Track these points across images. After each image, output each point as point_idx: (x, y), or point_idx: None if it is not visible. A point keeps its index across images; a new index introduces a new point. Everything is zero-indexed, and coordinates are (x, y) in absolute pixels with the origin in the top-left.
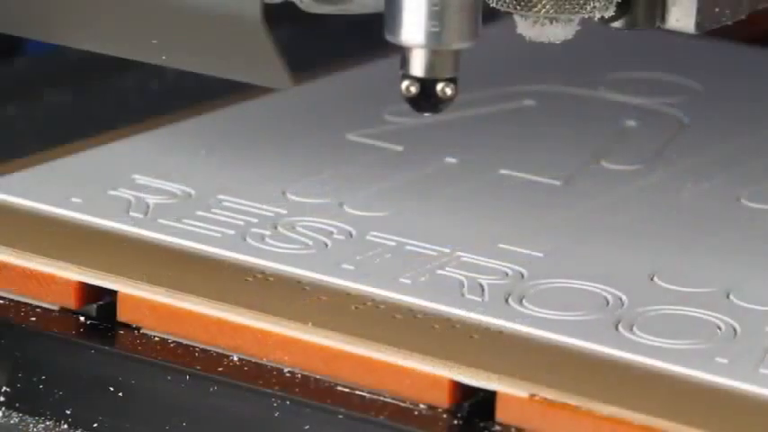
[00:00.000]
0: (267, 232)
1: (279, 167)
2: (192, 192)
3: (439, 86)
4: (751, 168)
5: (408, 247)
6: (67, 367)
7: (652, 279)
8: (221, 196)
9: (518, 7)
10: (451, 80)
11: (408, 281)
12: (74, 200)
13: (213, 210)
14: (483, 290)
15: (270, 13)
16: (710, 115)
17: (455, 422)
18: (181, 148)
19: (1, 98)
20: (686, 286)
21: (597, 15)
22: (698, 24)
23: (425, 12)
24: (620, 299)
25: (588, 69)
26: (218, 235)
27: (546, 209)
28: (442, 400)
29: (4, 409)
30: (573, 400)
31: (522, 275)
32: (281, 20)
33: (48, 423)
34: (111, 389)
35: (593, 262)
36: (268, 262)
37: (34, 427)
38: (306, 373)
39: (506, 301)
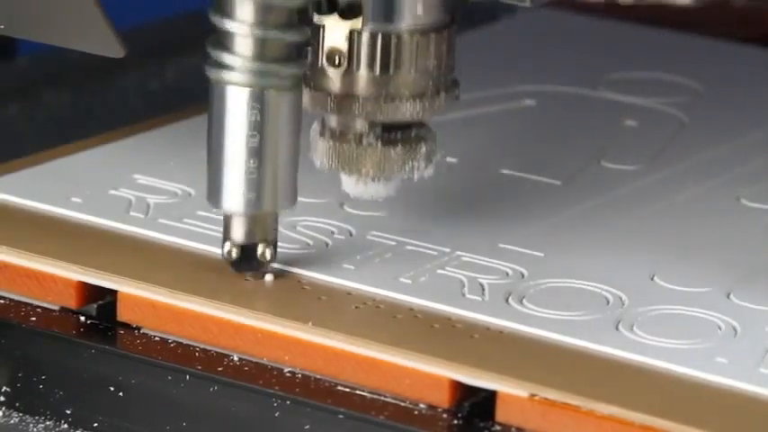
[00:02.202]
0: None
1: None
2: (193, 192)
3: (259, 250)
4: (751, 168)
5: (408, 247)
6: (67, 367)
7: (652, 279)
8: None
9: (343, 167)
10: (270, 242)
11: (408, 281)
12: (74, 200)
13: (213, 210)
14: (483, 290)
15: None
16: (710, 115)
17: (455, 422)
18: (181, 148)
19: (1, 98)
20: (686, 286)
21: (416, 176)
22: None
23: (243, 180)
24: (620, 299)
25: (588, 69)
26: (219, 235)
27: (546, 209)
28: (443, 400)
29: (4, 409)
30: (573, 400)
31: (523, 275)
32: None
33: (48, 423)
34: (111, 389)
35: (593, 262)
36: None
37: (34, 427)
38: (306, 373)
39: (507, 300)
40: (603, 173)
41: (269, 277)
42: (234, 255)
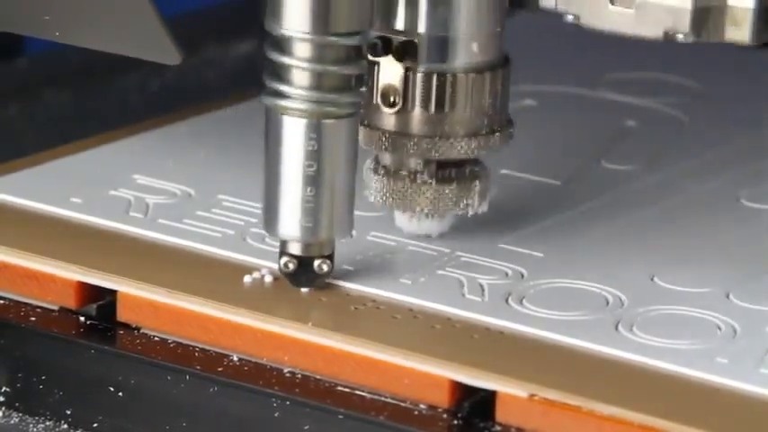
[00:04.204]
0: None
1: None
2: (192, 192)
3: (316, 263)
4: (751, 168)
5: (408, 248)
6: (67, 367)
7: (652, 279)
8: (221, 196)
9: (395, 204)
10: (328, 257)
11: (408, 281)
12: (74, 200)
13: (213, 210)
14: (483, 290)
15: None
16: (710, 115)
17: (455, 422)
18: (181, 148)
19: (1, 98)
20: (686, 286)
21: (470, 213)
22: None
23: (299, 208)
24: (620, 299)
25: (588, 69)
26: (219, 235)
27: (546, 209)
28: (442, 400)
29: (4, 409)
30: (573, 401)
31: (522, 275)
32: None
33: (48, 423)
34: (111, 389)
35: (594, 262)
36: (268, 262)
37: (34, 427)
38: (306, 373)
39: (506, 301)
40: (603, 173)
41: (268, 278)
42: (291, 267)
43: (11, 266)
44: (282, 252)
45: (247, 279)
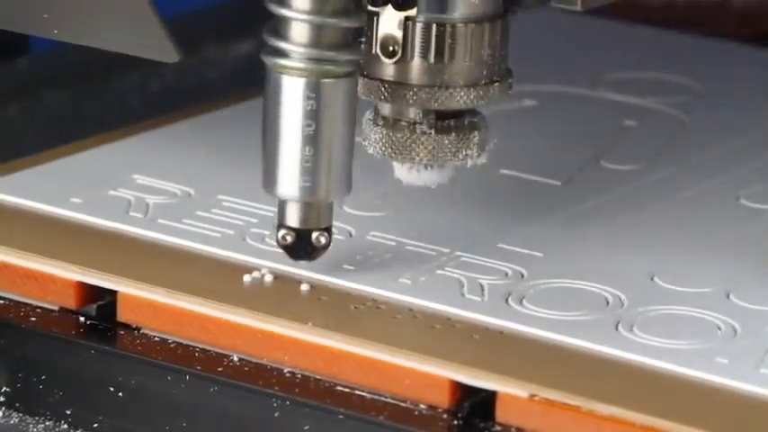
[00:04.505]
0: (267, 232)
1: None
2: (192, 192)
3: (314, 235)
4: (751, 168)
5: (408, 247)
6: (67, 367)
7: (652, 279)
8: (221, 196)
9: (394, 155)
10: (326, 229)
11: (408, 281)
12: (74, 200)
13: (213, 210)
14: (483, 290)
15: None
16: (710, 115)
17: (455, 422)
18: (181, 148)
19: (1, 98)
20: (686, 286)
21: (469, 163)
22: (583, 1)
23: (298, 168)
24: (620, 299)
25: (588, 69)
26: (218, 235)
27: (546, 209)
28: (442, 400)
29: (4, 409)
30: (573, 401)
31: (522, 275)
32: None
33: (48, 423)
34: (111, 389)
35: (594, 262)
36: (268, 261)
37: (34, 427)
38: (306, 373)
39: (506, 301)
40: (603, 173)
41: (268, 278)
42: (289, 240)
43: (11, 266)
44: (280, 225)
45: (247, 279)
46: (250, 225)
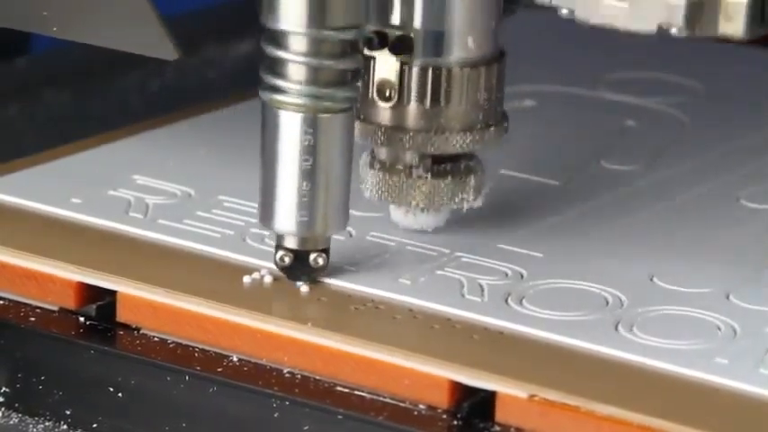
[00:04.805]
0: (267, 233)
1: None
2: (192, 192)
3: (312, 257)
4: (751, 168)
5: (408, 247)
6: (67, 367)
7: (652, 279)
8: (221, 197)
9: (391, 198)
10: (323, 251)
11: (408, 281)
12: (74, 200)
13: (213, 210)
14: (483, 290)
15: None
16: (710, 115)
17: (455, 422)
18: (181, 148)
19: (1, 98)
20: (686, 286)
21: (465, 207)
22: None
23: (295, 203)
24: (620, 299)
25: (588, 69)
26: (218, 235)
27: (546, 209)
28: (442, 400)
29: (3, 409)
30: (573, 401)
31: (522, 276)
32: None
33: (47, 423)
34: (111, 389)
35: (593, 262)
36: (268, 262)
37: (34, 427)
38: (305, 374)
39: (506, 301)
40: (603, 173)
41: (268, 278)
42: (287, 261)
43: (10, 266)
44: (278, 246)
45: (247, 279)
46: (250, 225)
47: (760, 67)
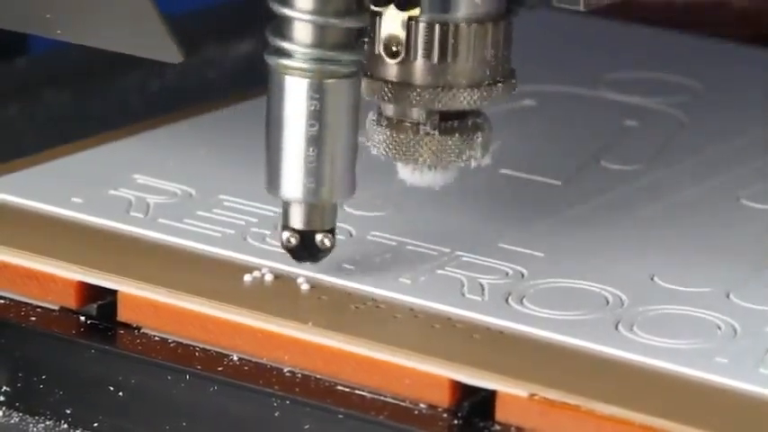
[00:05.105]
0: (267, 232)
1: None
2: (193, 192)
3: (318, 237)
4: (751, 168)
5: (408, 247)
6: (67, 367)
7: (652, 279)
8: (222, 196)
9: (398, 156)
10: (330, 231)
11: (408, 281)
12: (74, 200)
13: (214, 209)
14: (483, 289)
15: None
16: (710, 115)
17: (455, 422)
18: (181, 148)
19: (1, 98)
20: (686, 286)
21: (473, 165)
22: (585, 2)
23: (302, 169)
24: (620, 298)
25: (588, 69)
26: (219, 235)
27: (546, 209)
28: (442, 399)
29: (4, 408)
30: (573, 400)
31: (523, 275)
32: None
33: (48, 423)
34: (111, 389)
35: (594, 262)
36: (268, 262)
37: (34, 427)
38: (306, 373)
39: (506, 300)
40: (603, 173)
41: (269, 278)
42: (293, 242)
43: (11, 266)
44: (285, 227)
45: (248, 279)
46: (251, 225)
47: (760, 67)
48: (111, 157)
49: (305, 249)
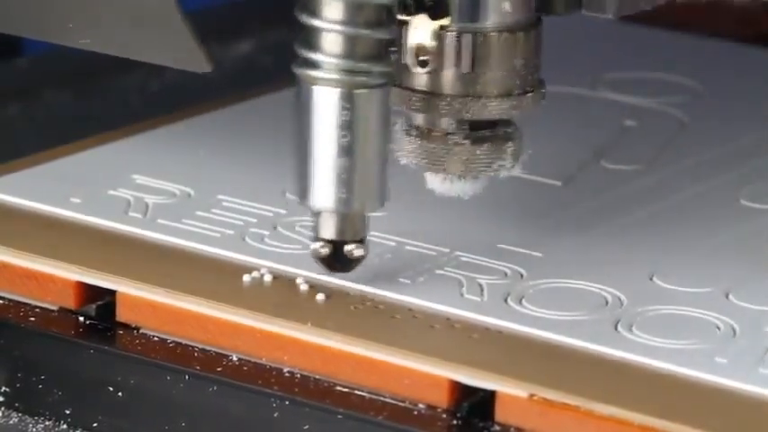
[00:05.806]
0: (267, 232)
1: (278, 167)
2: (192, 192)
3: (348, 248)
4: (751, 168)
5: (408, 247)
6: (67, 367)
7: (652, 279)
8: (221, 196)
9: (428, 165)
10: (360, 241)
11: (407, 281)
12: (74, 200)
13: (213, 210)
14: (482, 290)
15: None
16: (710, 115)
17: (454, 422)
18: (181, 148)
19: (1, 98)
20: (686, 286)
21: (502, 174)
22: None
23: (334, 179)
24: (620, 299)
25: (588, 69)
26: (218, 235)
27: (546, 209)
28: (442, 400)
29: (3, 409)
30: (572, 400)
31: (522, 275)
32: None
33: (47, 423)
34: (111, 389)
35: (593, 262)
36: (268, 262)
37: (34, 427)
38: (305, 373)
39: (506, 300)
40: (603, 173)
41: (268, 278)
42: (324, 252)
43: (10, 266)
44: (316, 237)
45: (246, 279)
46: (249, 225)
47: (760, 67)
48: (111, 158)
49: (337, 259)
